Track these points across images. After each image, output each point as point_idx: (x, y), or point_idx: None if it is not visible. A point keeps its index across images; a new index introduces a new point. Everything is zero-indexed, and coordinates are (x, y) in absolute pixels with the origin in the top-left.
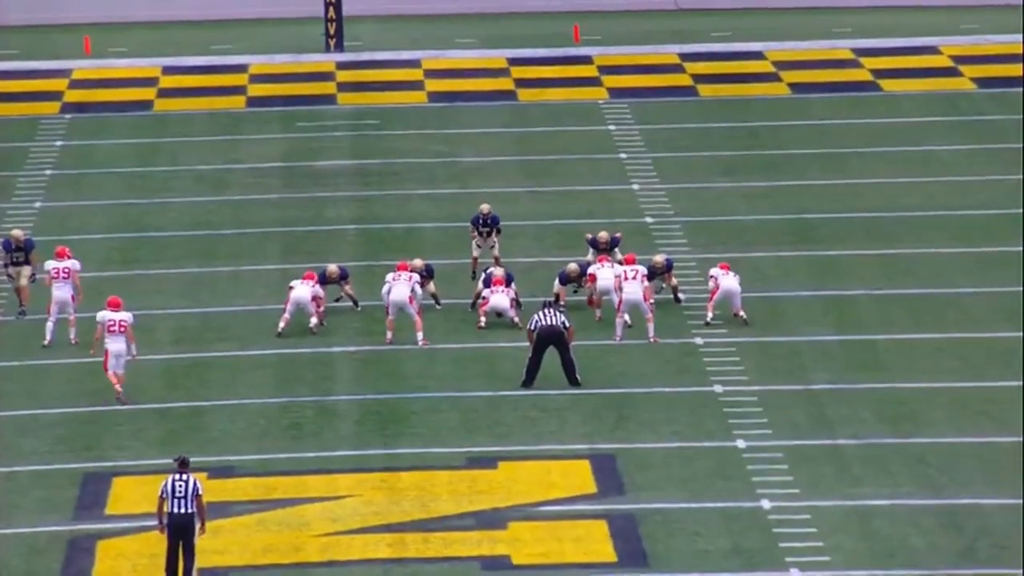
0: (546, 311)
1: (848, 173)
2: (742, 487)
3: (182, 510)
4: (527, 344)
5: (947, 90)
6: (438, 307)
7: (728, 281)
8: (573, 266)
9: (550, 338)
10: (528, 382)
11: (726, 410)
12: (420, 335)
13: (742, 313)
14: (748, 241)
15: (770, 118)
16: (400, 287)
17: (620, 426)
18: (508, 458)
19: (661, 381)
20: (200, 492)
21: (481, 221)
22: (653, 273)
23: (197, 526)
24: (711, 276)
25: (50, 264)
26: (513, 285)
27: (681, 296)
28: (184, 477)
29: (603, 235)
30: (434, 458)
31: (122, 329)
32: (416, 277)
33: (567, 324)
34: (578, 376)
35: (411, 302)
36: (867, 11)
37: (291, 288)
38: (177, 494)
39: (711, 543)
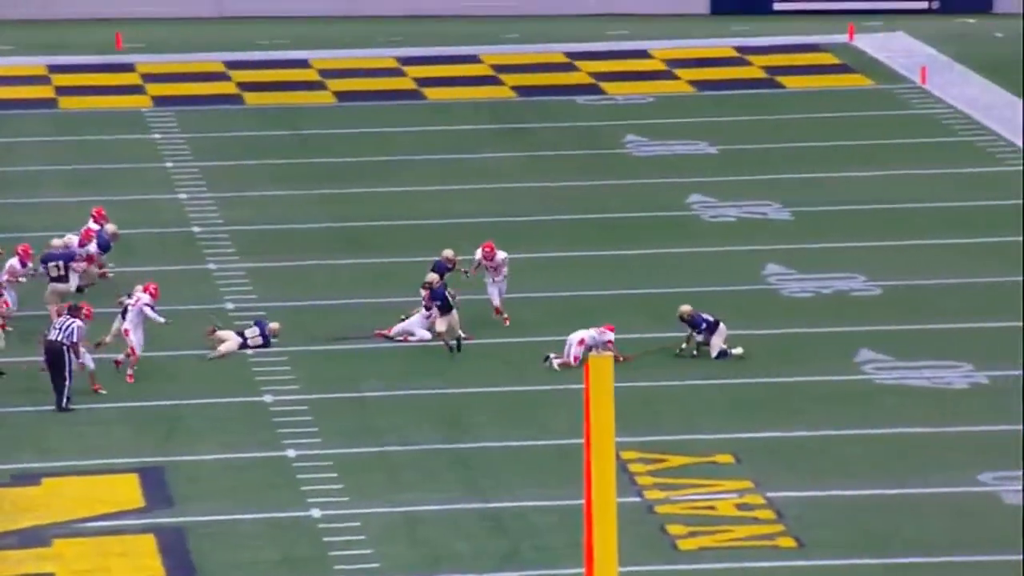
0: (56, 321)
1: (398, 181)
2: (292, 496)
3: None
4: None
5: (488, 98)
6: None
7: None
8: None
9: (50, 353)
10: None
11: (276, 419)
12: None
13: None
14: (299, 250)
15: (317, 126)
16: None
17: (170, 438)
18: (53, 474)
19: (212, 392)
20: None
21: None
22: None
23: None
24: None
25: None
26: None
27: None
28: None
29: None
30: None
31: None
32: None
33: (74, 339)
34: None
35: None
36: (410, 20)
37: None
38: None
39: (260, 553)
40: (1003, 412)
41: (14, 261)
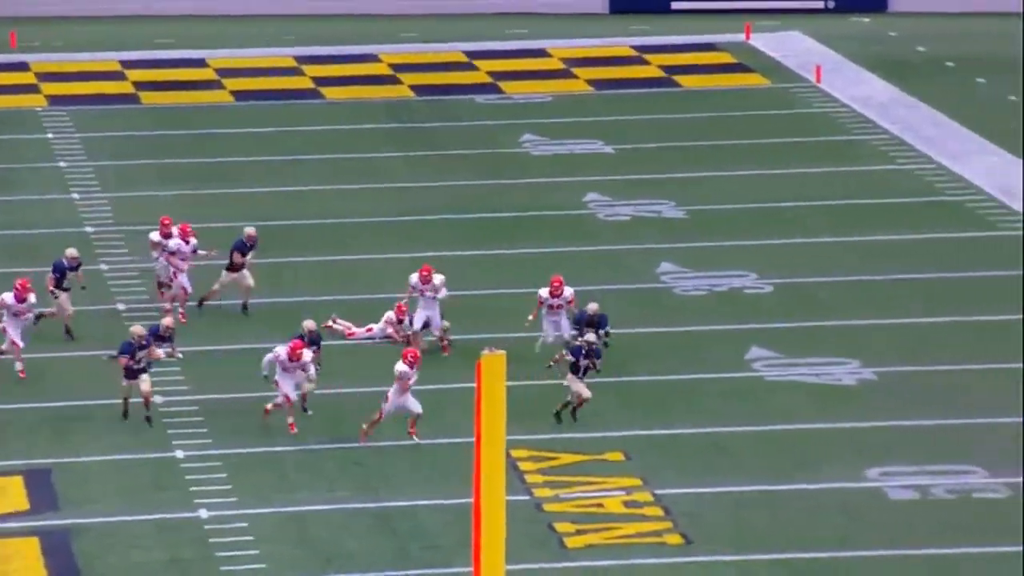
0: None
1: (295, 180)
2: (180, 497)
3: None
4: None
5: (386, 98)
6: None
7: None
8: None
9: None
10: None
11: (166, 420)
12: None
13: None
14: None
15: (214, 126)
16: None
17: (59, 440)
18: None
19: (102, 393)
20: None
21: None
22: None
23: None
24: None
25: None
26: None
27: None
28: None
29: (593, 306)
30: None
31: None
32: None
33: None
34: None
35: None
36: (308, 19)
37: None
38: None
39: (147, 555)
40: (890, 408)
41: (7, 296)
